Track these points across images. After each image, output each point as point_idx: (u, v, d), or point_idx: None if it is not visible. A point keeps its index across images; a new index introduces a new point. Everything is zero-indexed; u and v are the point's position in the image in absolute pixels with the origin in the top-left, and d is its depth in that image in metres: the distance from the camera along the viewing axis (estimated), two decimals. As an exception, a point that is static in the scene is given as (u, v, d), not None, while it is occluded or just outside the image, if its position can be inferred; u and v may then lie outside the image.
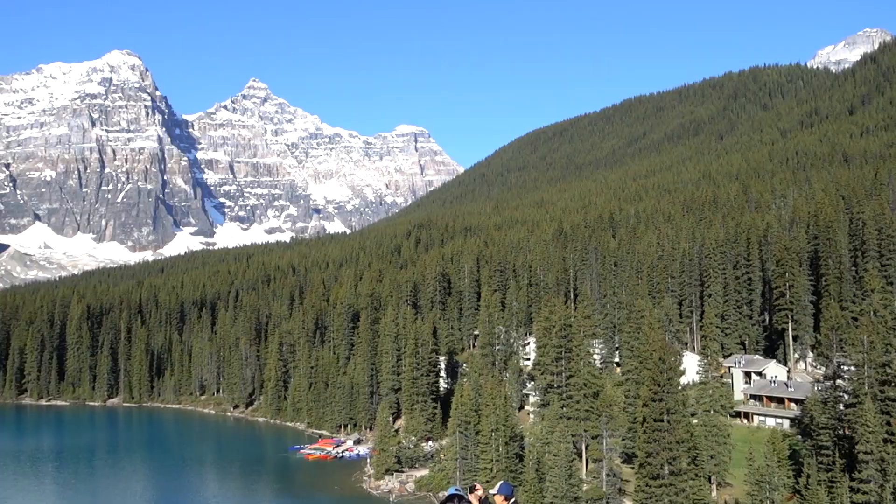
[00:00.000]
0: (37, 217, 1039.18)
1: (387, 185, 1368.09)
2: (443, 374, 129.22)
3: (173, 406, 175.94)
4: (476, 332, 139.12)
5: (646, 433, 68.76)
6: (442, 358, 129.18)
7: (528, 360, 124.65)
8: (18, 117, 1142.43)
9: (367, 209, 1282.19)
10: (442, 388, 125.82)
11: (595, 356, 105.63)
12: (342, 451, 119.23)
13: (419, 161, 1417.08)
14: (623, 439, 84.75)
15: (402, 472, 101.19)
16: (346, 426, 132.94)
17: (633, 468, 78.07)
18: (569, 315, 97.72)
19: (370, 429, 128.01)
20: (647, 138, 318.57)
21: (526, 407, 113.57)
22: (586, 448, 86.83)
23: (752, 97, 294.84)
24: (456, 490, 15.30)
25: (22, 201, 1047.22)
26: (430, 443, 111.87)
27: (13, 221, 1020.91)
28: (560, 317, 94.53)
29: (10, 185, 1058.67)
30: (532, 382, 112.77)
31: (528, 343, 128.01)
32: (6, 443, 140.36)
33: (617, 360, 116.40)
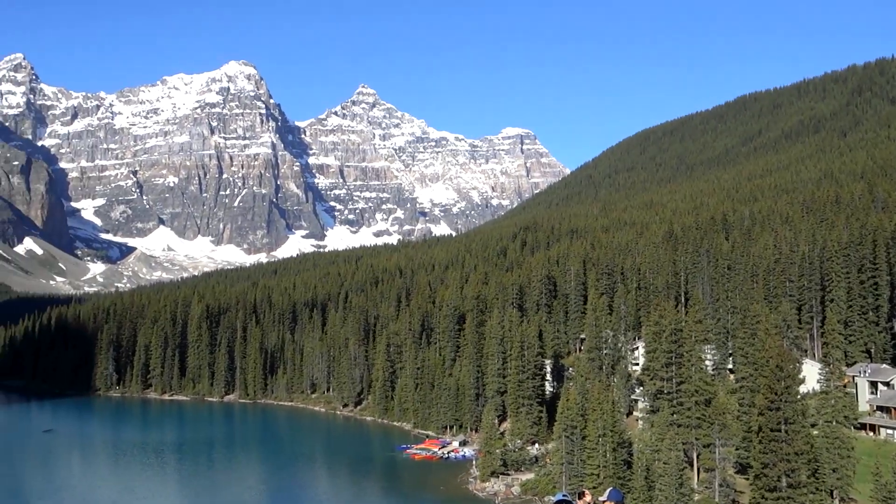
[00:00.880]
0: (161, 221, 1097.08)
1: (492, 188, 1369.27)
2: (548, 377, 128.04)
3: (286, 403, 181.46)
4: (582, 336, 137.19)
5: (762, 443, 65.94)
6: (548, 361, 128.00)
7: (637, 364, 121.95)
8: (144, 127, 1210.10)
9: (472, 212, 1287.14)
10: (547, 392, 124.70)
11: (707, 362, 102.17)
12: (448, 452, 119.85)
13: (525, 163, 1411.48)
14: (737, 449, 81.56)
15: (508, 474, 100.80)
16: (451, 427, 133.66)
17: (747, 479, 75.01)
18: (679, 319, 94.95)
19: (475, 431, 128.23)
20: (762, 136, 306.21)
21: (634, 413, 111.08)
22: (698, 457, 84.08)
23: (878, 91, 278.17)
24: (564, 496, 15.05)
25: (147, 206, 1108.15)
26: (536, 446, 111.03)
27: (140, 225, 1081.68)
28: (670, 321, 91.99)
29: (137, 190, 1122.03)
30: (641, 388, 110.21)
31: (637, 347, 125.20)
32: (134, 434, 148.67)
33: (730, 366, 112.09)
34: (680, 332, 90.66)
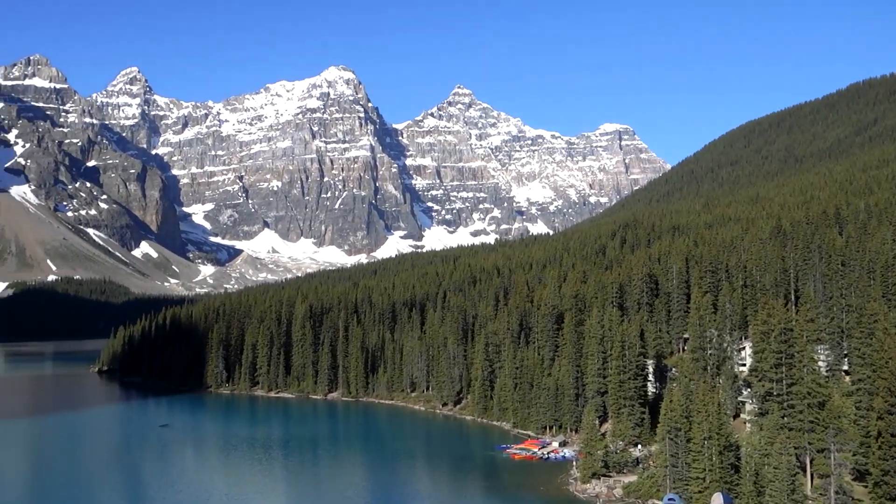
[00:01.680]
0: (266, 224, 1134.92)
1: (590, 185, 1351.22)
2: (650, 378, 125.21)
3: (386, 402, 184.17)
4: (686, 336, 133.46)
5: (881, 449, 62.54)
6: (650, 361, 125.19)
7: (744, 365, 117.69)
8: (249, 133, 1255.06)
9: (570, 210, 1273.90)
10: (650, 393, 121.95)
11: (820, 363, 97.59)
12: (548, 453, 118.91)
13: (624, 159, 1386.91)
14: (854, 454, 77.53)
15: (610, 476, 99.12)
16: (550, 427, 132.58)
17: (865, 486, 71.29)
18: (790, 318, 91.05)
19: (576, 431, 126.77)
20: (878, 126, 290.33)
21: (742, 415, 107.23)
22: (811, 462, 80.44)
23: None
24: (670, 499, 14.66)
25: (253, 210, 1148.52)
26: (639, 448, 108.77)
27: (246, 228, 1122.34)
28: (780, 320, 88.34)
29: (243, 195, 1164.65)
30: (748, 389, 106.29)
31: (744, 348, 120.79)
32: (243, 430, 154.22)
33: (845, 367, 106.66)
34: (790, 332, 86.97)
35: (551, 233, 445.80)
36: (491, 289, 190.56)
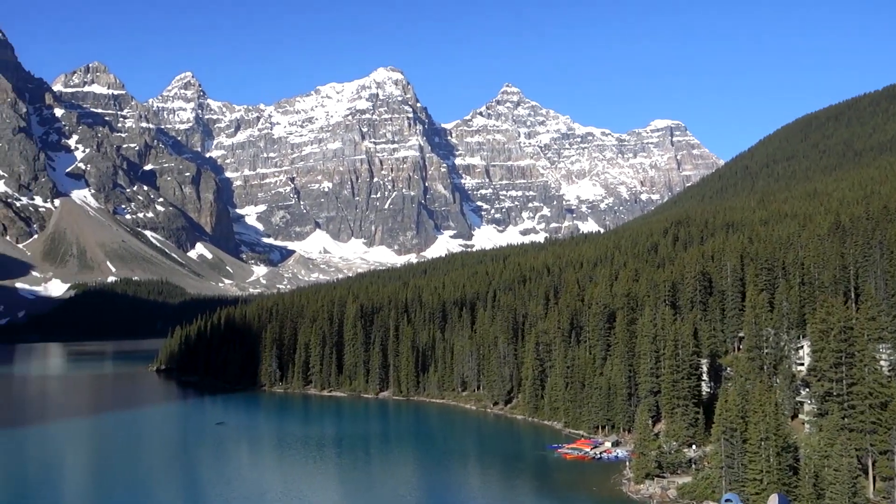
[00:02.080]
0: (317, 225, 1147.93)
1: (641, 183, 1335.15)
2: (705, 377, 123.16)
3: (437, 401, 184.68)
4: (741, 334, 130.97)
5: (948, 451, 60.51)
6: (704, 361, 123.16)
7: (802, 364, 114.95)
8: (300, 135, 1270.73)
9: (620, 207, 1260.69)
10: (704, 392, 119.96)
11: (882, 362, 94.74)
12: (600, 453, 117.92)
13: (675, 156, 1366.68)
14: (919, 457, 75.18)
15: (664, 477, 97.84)
16: (603, 427, 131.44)
17: (932, 490, 68.97)
18: (849, 316, 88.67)
19: (628, 431, 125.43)
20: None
21: (800, 416, 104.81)
22: (873, 464, 78.25)
23: None
24: (728, 500, 14.45)
25: (304, 211, 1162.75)
26: (693, 448, 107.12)
27: (298, 229, 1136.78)
28: (839, 318, 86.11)
29: (295, 196, 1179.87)
30: (807, 389, 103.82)
31: (802, 346, 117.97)
32: (296, 428, 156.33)
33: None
34: (850, 331, 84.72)
35: (602, 231, 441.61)
36: (541, 288, 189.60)
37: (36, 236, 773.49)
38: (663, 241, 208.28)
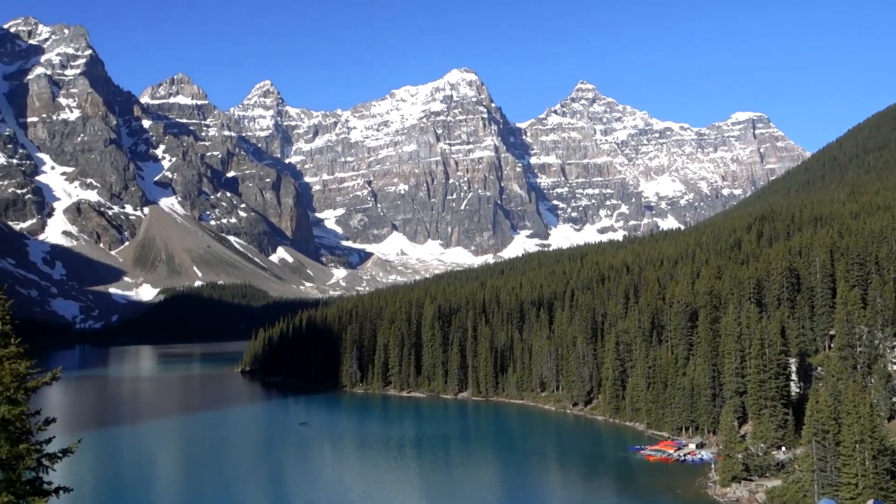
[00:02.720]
0: (394, 227, 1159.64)
1: (722, 177, 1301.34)
2: (793, 377, 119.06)
3: (516, 401, 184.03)
4: (832, 333, 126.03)
5: None
6: (792, 360, 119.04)
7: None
8: (376, 139, 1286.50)
9: (701, 203, 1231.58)
10: (793, 393, 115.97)
11: None
12: (684, 455, 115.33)
13: (758, 149, 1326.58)
14: None
15: (751, 480, 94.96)
16: (686, 428, 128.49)
17: None
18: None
19: (713, 433, 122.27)
20: None
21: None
22: (979, 469, 74.11)
23: None
24: None
25: (382, 213, 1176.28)
26: (782, 451, 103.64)
27: (375, 232, 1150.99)
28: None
29: (372, 199, 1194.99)
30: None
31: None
32: (377, 429, 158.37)
33: None
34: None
35: (682, 227, 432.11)
36: (620, 286, 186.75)
37: (127, 243, 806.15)
38: (747, 236, 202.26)
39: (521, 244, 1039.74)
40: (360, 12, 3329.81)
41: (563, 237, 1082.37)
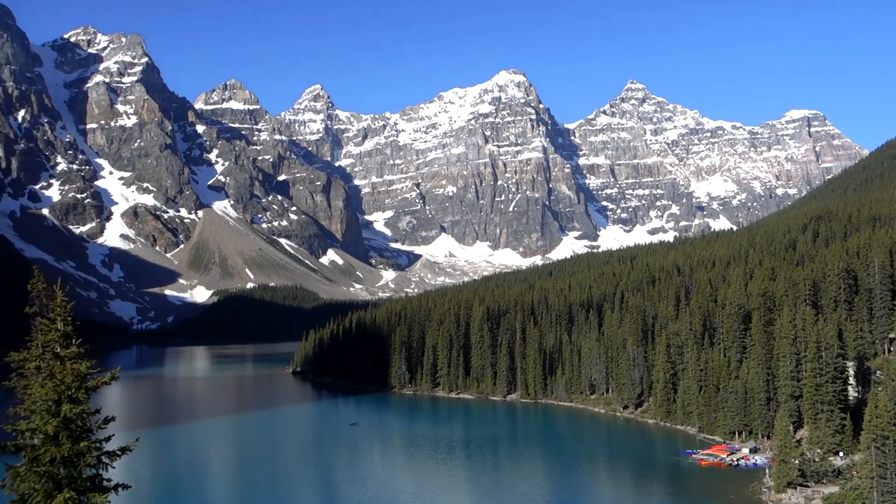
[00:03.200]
0: (442, 229, 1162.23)
1: (776, 177, 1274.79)
2: (851, 381, 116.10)
3: (565, 404, 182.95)
4: (891, 336, 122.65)
5: None
6: (850, 363, 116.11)
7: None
8: (425, 141, 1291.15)
9: (754, 203, 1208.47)
10: (851, 397, 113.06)
11: None
12: (737, 459, 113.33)
13: (814, 147, 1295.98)
14: None
15: (807, 486, 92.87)
16: (739, 433, 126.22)
17: None
18: None
19: (767, 437, 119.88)
20: None
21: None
22: None
23: None
24: None
25: (430, 215, 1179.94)
26: (840, 456, 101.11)
27: (423, 234, 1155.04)
28: None
29: (420, 201, 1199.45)
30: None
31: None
32: (427, 430, 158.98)
33: None
34: None
35: (735, 228, 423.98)
36: (671, 288, 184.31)
37: (182, 246, 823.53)
38: (802, 237, 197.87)
39: (569, 245, 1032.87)
40: (409, 15, 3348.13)
41: (612, 238, 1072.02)
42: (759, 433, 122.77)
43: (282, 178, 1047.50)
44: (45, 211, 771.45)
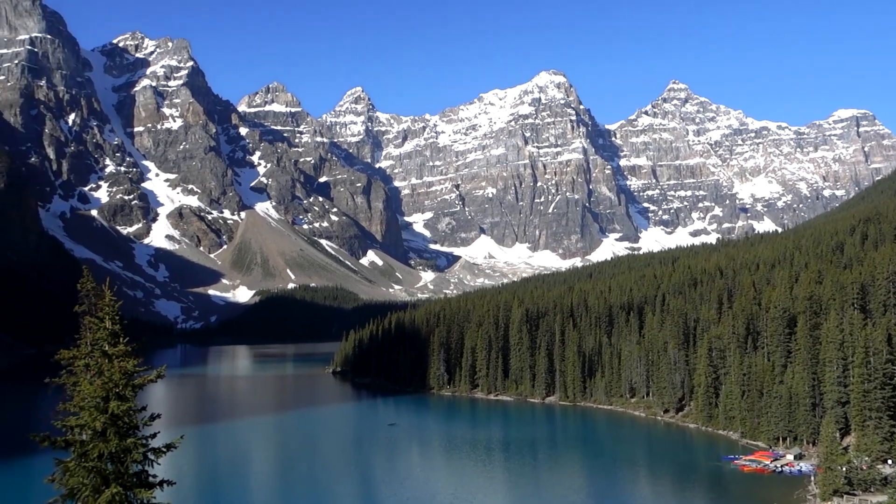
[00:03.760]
0: (481, 230, 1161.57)
1: (823, 178, 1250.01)
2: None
3: (604, 407, 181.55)
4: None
5: None
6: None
7: None
8: (464, 143, 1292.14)
9: (800, 205, 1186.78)
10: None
11: None
12: (781, 466, 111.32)
13: (862, 147, 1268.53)
14: None
15: (854, 494, 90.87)
16: (784, 439, 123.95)
17: None
18: None
19: (813, 444, 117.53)
20: None
21: None
22: None
23: None
24: None
25: (469, 217, 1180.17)
26: (888, 465, 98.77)
27: (463, 235, 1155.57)
28: None
29: (460, 203, 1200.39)
30: None
31: None
32: (465, 431, 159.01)
33: None
34: None
35: (780, 230, 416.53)
36: (713, 291, 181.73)
37: (225, 247, 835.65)
38: (850, 239, 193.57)
39: (609, 247, 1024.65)
40: (449, 17, 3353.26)
41: (653, 240, 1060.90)
42: (804, 439, 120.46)
43: (323, 179, 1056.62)
44: (94, 212, 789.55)
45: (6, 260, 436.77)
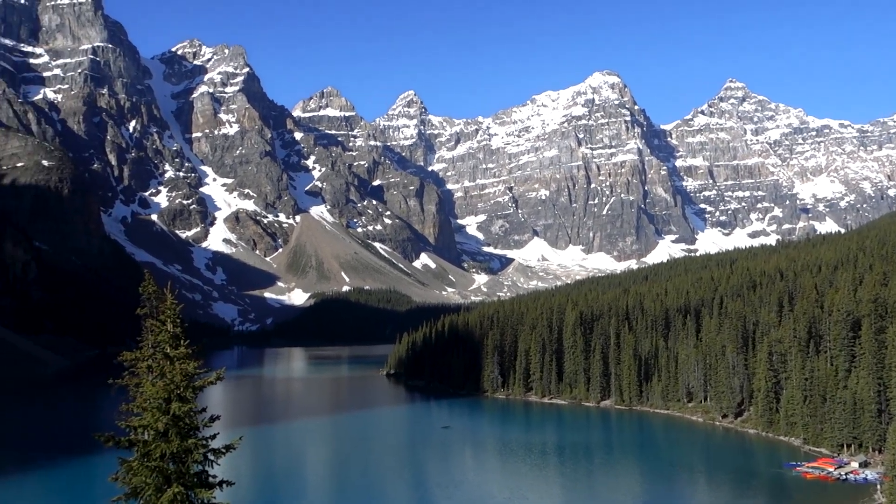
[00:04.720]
0: (535, 233, 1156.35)
1: (889, 177, 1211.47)
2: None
3: (661, 411, 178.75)
4: None
5: None
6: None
7: None
8: (517, 145, 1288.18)
9: (864, 205, 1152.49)
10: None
11: None
12: (845, 473, 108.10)
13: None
14: None
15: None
16: (848, 445, 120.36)
17: None
18: None
19: (879, 451, 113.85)
20: None
21: None
22: None
23: None
24: None
25: (522, 219, 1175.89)
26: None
27: (516, 237, 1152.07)
28: None
29: (513, 205, 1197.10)
30: None
31: None
32: (519, 435, 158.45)
33: None
34: None
35: (842, 231, 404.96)
36: (773, 293, 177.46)
37: (280, 250, 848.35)
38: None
39: (665, 249, 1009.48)
40: (501, 19, 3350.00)
41: (710, 242, 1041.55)
42: (869, 446, 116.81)
43: (376, 183, 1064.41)
44: (154, 217, 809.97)
45: (70, 264, 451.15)
